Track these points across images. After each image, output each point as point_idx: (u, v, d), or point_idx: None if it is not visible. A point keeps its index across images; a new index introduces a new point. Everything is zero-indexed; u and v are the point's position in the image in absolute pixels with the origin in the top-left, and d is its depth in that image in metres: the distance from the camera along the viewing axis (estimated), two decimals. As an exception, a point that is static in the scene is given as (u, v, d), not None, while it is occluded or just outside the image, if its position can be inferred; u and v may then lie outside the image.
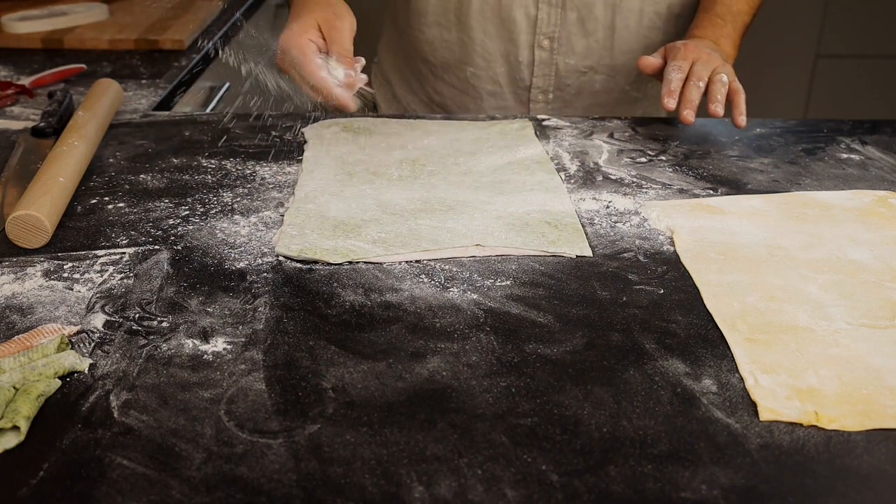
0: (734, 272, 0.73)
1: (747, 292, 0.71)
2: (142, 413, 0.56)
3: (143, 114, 1.12)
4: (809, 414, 0.57)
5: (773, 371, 0.61)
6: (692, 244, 0.78)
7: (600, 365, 0.62)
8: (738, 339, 0.64)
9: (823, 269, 0.74)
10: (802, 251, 0.77)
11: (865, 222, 0.82)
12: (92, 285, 0.71)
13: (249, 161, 0.96)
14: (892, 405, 0.58)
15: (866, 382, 0.60)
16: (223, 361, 0.62)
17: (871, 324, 0.67)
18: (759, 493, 0.51)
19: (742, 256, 0.76)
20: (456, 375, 0.60)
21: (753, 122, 1.09)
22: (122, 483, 0.51)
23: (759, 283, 0.72)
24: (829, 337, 0.65)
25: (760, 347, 0.63)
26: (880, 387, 0.59)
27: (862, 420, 0.56)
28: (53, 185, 0.81)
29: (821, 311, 0.68)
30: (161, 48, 1.41)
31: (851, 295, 0.70)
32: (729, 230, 0.80)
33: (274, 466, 0.52)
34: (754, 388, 0.59)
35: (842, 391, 0.59)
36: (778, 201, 0.87)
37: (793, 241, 0.78)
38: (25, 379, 0.59)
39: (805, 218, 0.83)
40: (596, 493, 0.50)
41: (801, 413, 0.57)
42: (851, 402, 0.58)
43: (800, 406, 0.57)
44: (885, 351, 0.64)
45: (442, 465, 0.52)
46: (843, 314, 0.68)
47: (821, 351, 0.63)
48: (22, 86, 1.18)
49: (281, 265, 0.74)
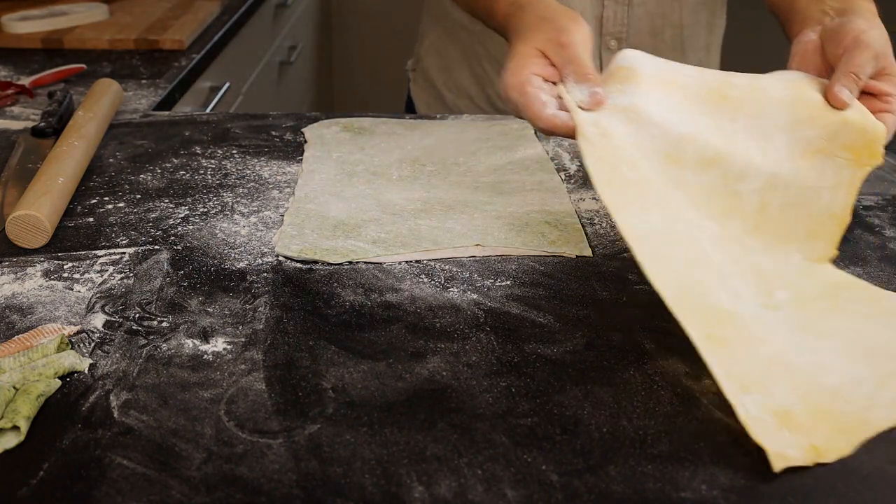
0: (650, 205, 0.64)
1: (668, 247, 0.61)
2: (142, 413, 0.56)
3: (143, 114, 1.12)
4: (810, 451, 0.52)
5: (749, 388, 0.55)
6: (603, 151, 0.65)
7: (600, 365, 0.62)
8: (702, 339, 0.56)
9: (700, 211, 0.66)
10: (695, 172, 0.68)
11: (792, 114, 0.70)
12: (92, 285, 0.71)
13: (249, 161, 0.96)
14: (850, 410, 0.55)
15: (815, 389, 0.57)
16: (223, 361, 0.62)
17: (769, 304, 0.64)
18: (759, 493, 0.51)
19: (642, 176, 0.66)
20: (456, 375, 0.60)
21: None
22: (122, 483, 0.51)
23: (674, 230, 0.63)
24: (755, 327, 0.60)
25: (724, 350, 0.56)
26: (827, 392, 0.56)
27: (850, 438, 0.53)
28: (53, 185, 0.81)
29: (726, 283, 0.62)
30: (161, 48, 1.41)
31: (729, 258, 0.65)
32: (637, 116, 0.67)
33: (274, 466, 0.52)
34: (752, 420, 0.52)
35: (807, 407, 0.55)
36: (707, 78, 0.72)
37: (698, 150, 0.68)
38: (25, 379, 0.59)
39: (726, 99, 0.70)
40: (596, 493, 0.50)
41: (805, 452, 0.52)
42: (824, 419, 0.54)
43: (793, 440, 0.53)
44: (793, 341, 0.60)
45: (442, 465, 0.52)
46: (745, 288, 0.63)
47: (760, 347, 0.58)
48: (22, 86, 1.18)
49: (281, 265, 0.74)
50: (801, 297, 0.66)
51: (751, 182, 0.68)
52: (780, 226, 0.69)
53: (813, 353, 0.60)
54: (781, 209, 0.69)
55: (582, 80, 0.69)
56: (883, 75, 0.73)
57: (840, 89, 0.70)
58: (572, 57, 0.71)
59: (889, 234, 0.81)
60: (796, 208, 0.70)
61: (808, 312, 0.65)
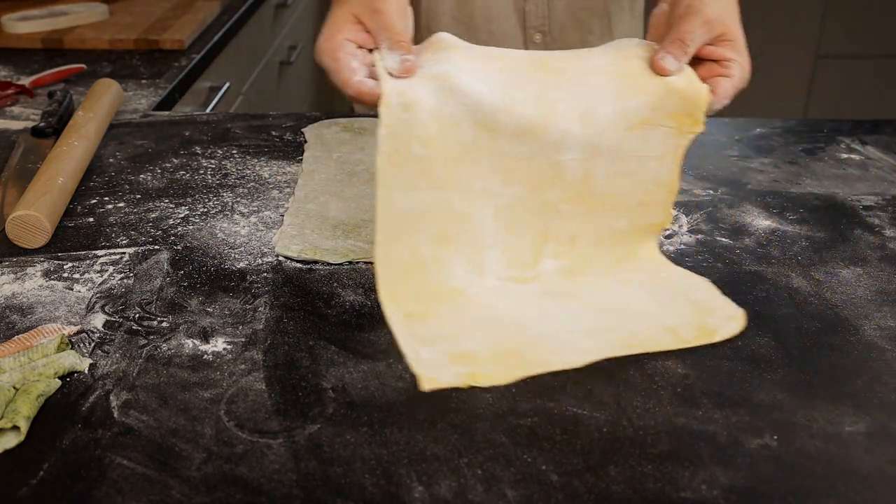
0: (423, 185, 0.65)
1: (422, 226, 0.65)
2: (142, 413, 0.56)
3: (143, 114, 1.12)
4: (467, 377, 0.59)
5: (433, 343, 0.62)
6: (400, 125, 0.64)
7: (600, 365, 0.62)
8: (399, 317, 0.62)
9: (514, 178, 0.67)
10: (512, 142, 0.67)
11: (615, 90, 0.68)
12: (92, 285, 0.71)
13: (249, 161, 0.96)
14: (536, 353, 0.62)
15: (516, 335, 0.63)
16: (223, 361, 0.62)
17: (517, 277, 0.68)
18: (759, 493, 0.51)
19: (443, 147, 0.65)
20: (456, 375, 0.60)
21: (753, 122, 1.09)
22: (122, 483, 0.51)
23: (441, 208, 0.65)
24: (481, 299, 0.66)
25: (419, 322, 0.63)
26: (527, 338, 0.63)
27: (512, 372, 0.60)
28: (53, 185, 0.81)
29: (478, 257, 0.68)
30: (161, 48, 1.41)
31: (514, 224, 0.68)
32: (449, 84, 0.65)
33: (274, 466, 0.52)
34: (416, 362, 0.59)
35: (494, 350, 0.62)
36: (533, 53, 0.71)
37: (513, 120, 0.66)
38: (25, 379, 0.59)
39: (547, 70, 0.68)
40: (596, 493, 0.50)
41: (459, 377, 0.59)
42: (502, 358, 0.61)
43: (457, 370, 0.59)
44: (528, 303, 0.67)
45: (442, 465, 0.52)
46: (495, 260, 0.68)
47: (475, 314, 0.65)
48: (22, 86, 1.18)
49: (281, 265, 0.74)
50: (570, 267, 0.70)
51: (571, 153, 0.67)
52: (607, 195, 0.70)
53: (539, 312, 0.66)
54: (608, 178, 0.69)
55: (395, 47, 0.67)
56: (722, 41, 0.71)
57: (663, 56, 0.68)
58: (386, 23, 0.69)
59: (889, 234, 0.81)
60: (623, 178, 0.69)
61: (565, 282, 0.70)
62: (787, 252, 0.78)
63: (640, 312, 0.67)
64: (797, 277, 0.74)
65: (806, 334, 0.66)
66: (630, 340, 0.63)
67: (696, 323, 0.66)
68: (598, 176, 0.69)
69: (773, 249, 0.78)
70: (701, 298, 0.69)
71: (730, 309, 0.68)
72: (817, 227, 0.82)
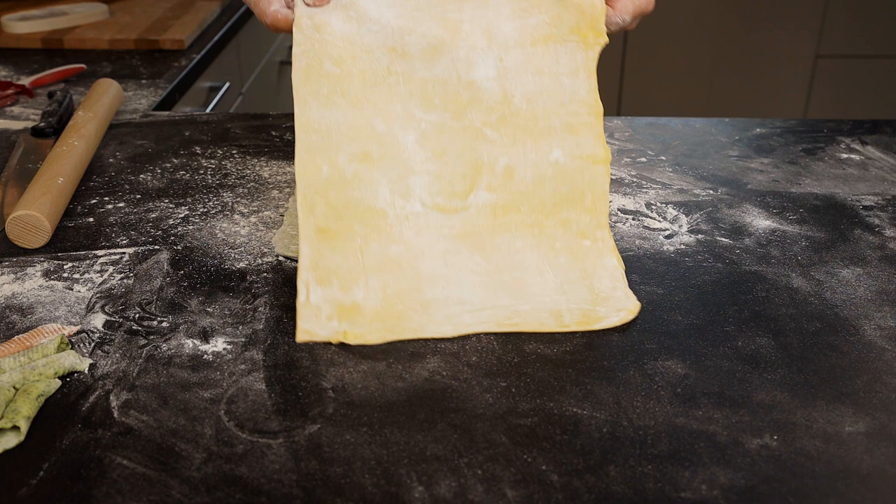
0: (341, 102, 0.67)
1: (343, 143, 0.66)
2: (142, 413, 0.56)
3: (143, 114, 1.12)
4: (339, 334, 0.63)
5: (327, 281, 0.64)
6: (311, 43, 0.68)
7: (600, 365, 0.62)
8: (310, 232, 0.65)
9: (434, 103, 0.69)
10: (425, 64, 0.69)
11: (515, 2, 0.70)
12: (92, 285, 0.71)
13: (249, 161, 0.96)
14: (417, 320, 0.64)
15: (406, 296, 0.66)
16: (223, 361, 0.62)
17: (444, 205, 0.68)
18: (759, 493, 0.51)
19: (358, 71, 0.68)
20: (456, 375, 0.60)
21: (753, 122, 1.09)
22: (122, 483, 0.51)
23: (363, 127, 0.67)
24: (396, 227, 0.67)
25: (326, 245, 0.65)
26: (417, 302, 0.65)
27: (384, 335, 0.63)
28: (53, 185, 0.81)
29: (405, 181, 0.68)
30: (161, 48, 1.41)
31: (443, 152, 0.69)
32: (357, 12, 0.69)
33: (274, 466, 0.52)
34: (303, 306, 0.63)
35: (380, 308, 0.65)
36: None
37: (421, 40, 0.69)
38: (25, 379, 0.59)
39: None
40: (596, 493, 0.50)
41: (333, 333, 0.63)
42: (383, 318, 0.64)
43: (335, 326, 0.63)
44: (440, 248, 0.67)
45: (442, 465, 0.52)
46: (424, 186, 0.68)
47: (381, 251, 0.66)
48: (22, 86, 1.18)
49: (281, 265, 0.74)
50: (504, 202, 0.69)
51: (482, 69, 0.69)
52: (532, 118, 0.70)
53: (444, 264, 0.67)
54: (527, 100, 0.70)
55: None
56: None
57: None
58: None
59: (889, 234, 0.81)
60: (542, 98, 0.70)
61: (491, 221, 0.69)
62: (787, 252, 0.78)
63: (535, 293, 0.68)
64: (797, 277, 0.74)
65: (806, 334, 0.66)
66: (512, 319, 0.66)
67: (584, 310, 0.67)
68: (515, 96, 0.70)
69: (773, 249, 0.78)
70: (602, 287, 0.69)
71: (626, 301, 0.68)
72: (817, 227, 0.82)
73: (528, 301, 0.67)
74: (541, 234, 0.70)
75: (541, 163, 0.70)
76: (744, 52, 2.62)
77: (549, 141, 0.70)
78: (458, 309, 0.66)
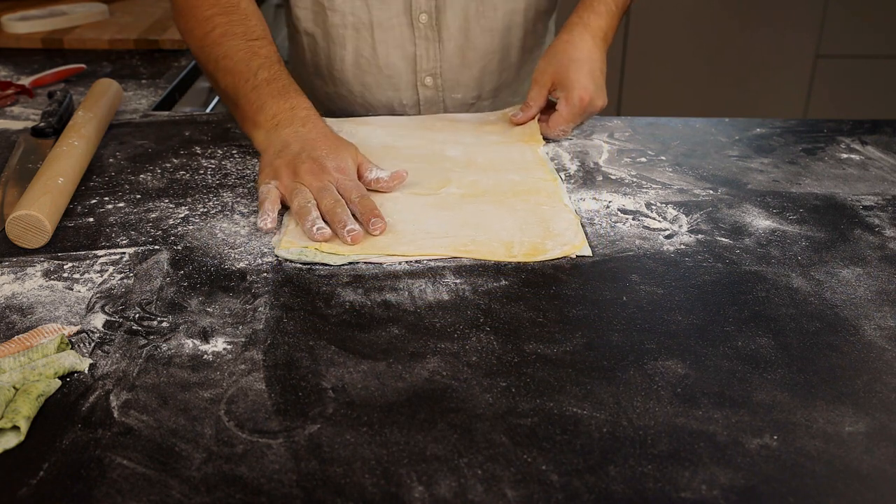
0: None
1: None
2: (142, 413, 0.56)
3: (143, 114, 1.12)
4: (313, 247, 0.76)
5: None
6: None
7: (600, 365, 0.62)
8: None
9: (412, 159, 0.94)
10: (407, 148, 0.97)
11: (478, 131, 1.04)
12: (92, 285, 0.71)
13: (249, 161, 0.96)
14: (385, 241, 0.77)
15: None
16: (223, 361, 0.62)
17: (419, 192, 0.87)
18: (759, 493, 0.51)
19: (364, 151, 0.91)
20: (456, 375, 0.60)
21: (753, 122, 1.09)
22: (122, 483, 0.51)
23: None
24: (377, 200, 0.83)
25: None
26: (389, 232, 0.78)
27: (355, 250, 0.75)
28: (53, 185, 0.81)
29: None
30: (161, 48, 1.41)
31: (418, 171, 0.90)
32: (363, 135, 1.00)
33: (274, 466, 0.52)
34: (287, 230, 0.79)
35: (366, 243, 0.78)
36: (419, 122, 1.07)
37: (408, 142, 0.99)
38: (25, 379, 0.59)
39: (433, 127, 1.05)
40: (596, 493, 0.50)
41: (311, 244, 0.76)
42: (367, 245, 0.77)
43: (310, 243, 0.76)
44: (416, 211, 0.83)
45: (442, 465, 0.52)
46: (402, 186, 0.87)
47: None
48: (22, 86, 1.18)
49: (281, 265, 0.74)
50: (472, 193, 0.87)
51: (452, 152, 0.97)
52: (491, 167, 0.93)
53: (417, 216, 0.81)
54: (487, 160, 0.95)
55: None
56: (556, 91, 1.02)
57: (514, 114, 1.04)
58: None
59: (889, 234, 0.81)
60: (499, 159, 0.96)
61: (460, 199, 0.86)
62: (787, 252, 0.78)
63: (496, 228, 0.80)
64: (797, 277, 0.74)
65: (806, 334, 0.66)
66: (468, 246, 0.76)
67: (534, 243, 0.77)
68: (478, 159, 0.96)
69: (773, 249, 0.78)
70: (557, 228, 0.80)
71: (574, 238, 0.78)
72: (817, 227, 0.82)
73: (487, 234, 0.78)
74: (504, 203, 0.85)
75: (501, 181, 0.90)
76: (744, 53, 2.62)
77: (506, 172, 0.92)
78: (423, 236, 0.78)
